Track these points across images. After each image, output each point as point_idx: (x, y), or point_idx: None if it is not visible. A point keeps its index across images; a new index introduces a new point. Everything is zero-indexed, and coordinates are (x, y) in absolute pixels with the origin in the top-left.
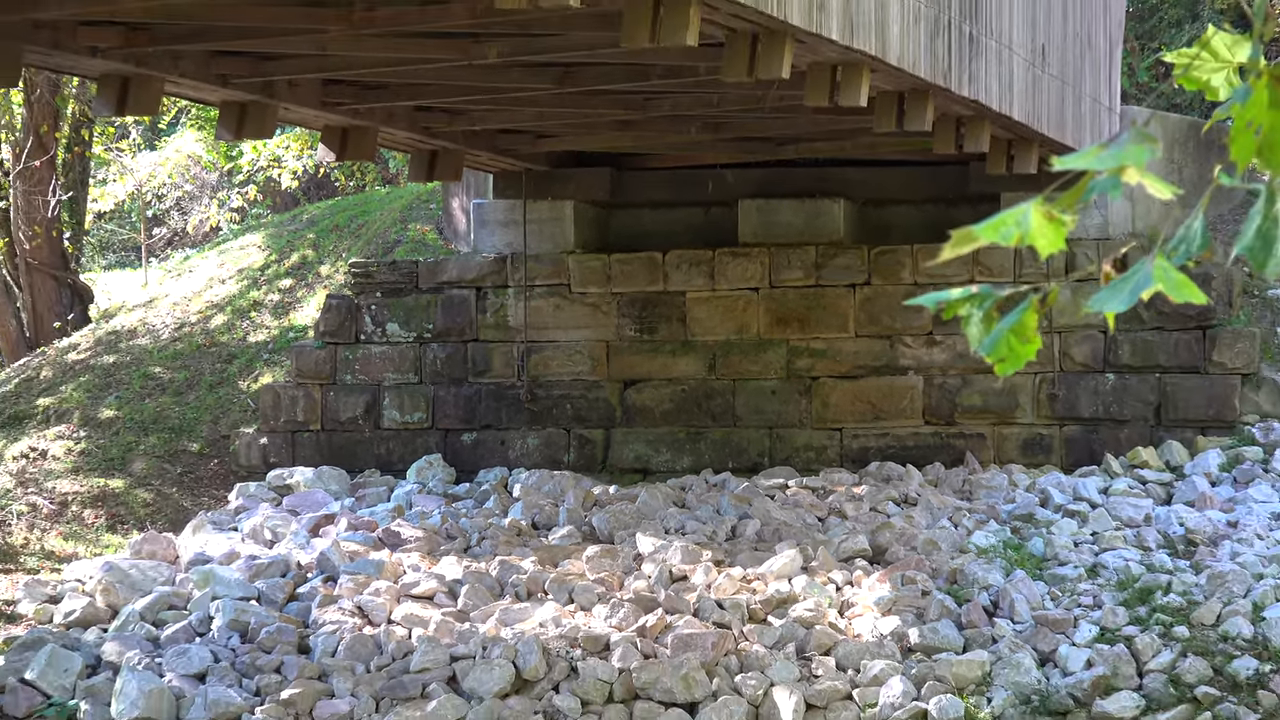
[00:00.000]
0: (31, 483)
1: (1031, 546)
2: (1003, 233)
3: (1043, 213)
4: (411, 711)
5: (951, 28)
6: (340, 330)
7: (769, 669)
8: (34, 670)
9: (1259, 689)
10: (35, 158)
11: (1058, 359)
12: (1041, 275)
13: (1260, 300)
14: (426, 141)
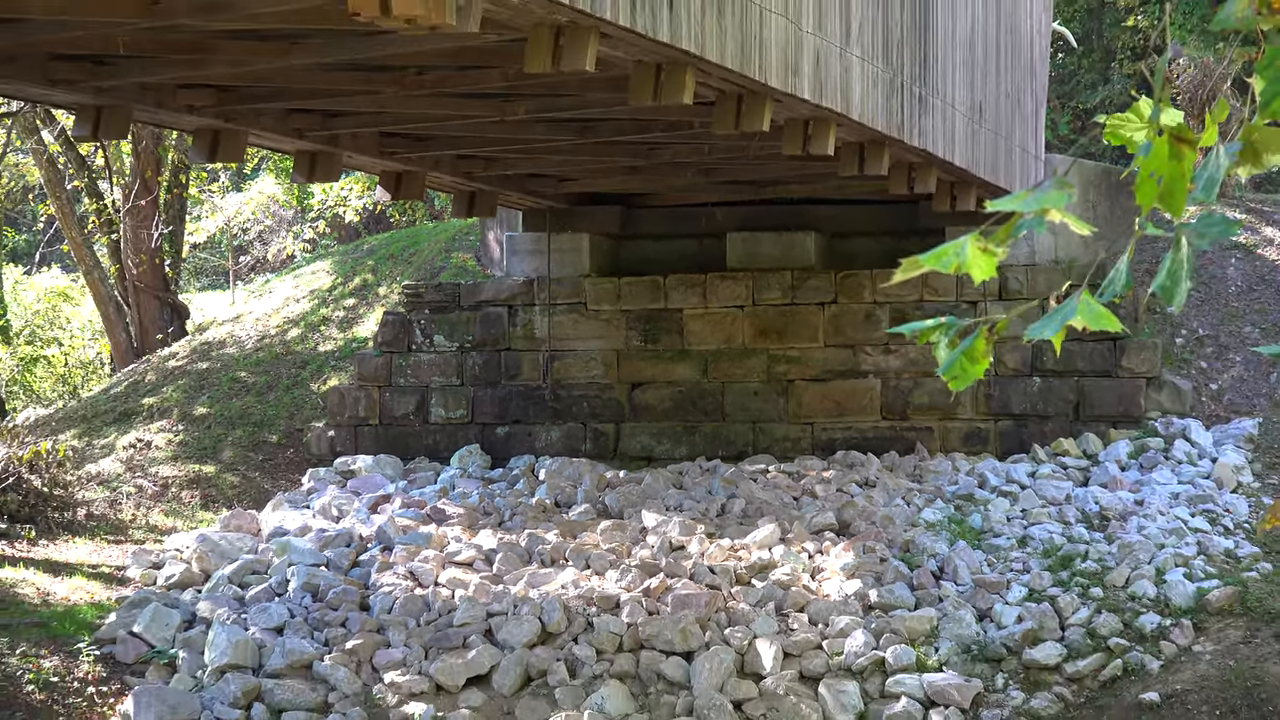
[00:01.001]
0: (138, 468)
1: (971, 521)
2: (943, 261)
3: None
4: (454, 659)
5: (904, 89)
6: (395, 341)
7: (753, 623)
8: (141, 624)
9: (1161, 640)
10: (141, 198)
11: (993, 365)
12: (979, 295)
13: (1161, 316)
14: (466, 184)
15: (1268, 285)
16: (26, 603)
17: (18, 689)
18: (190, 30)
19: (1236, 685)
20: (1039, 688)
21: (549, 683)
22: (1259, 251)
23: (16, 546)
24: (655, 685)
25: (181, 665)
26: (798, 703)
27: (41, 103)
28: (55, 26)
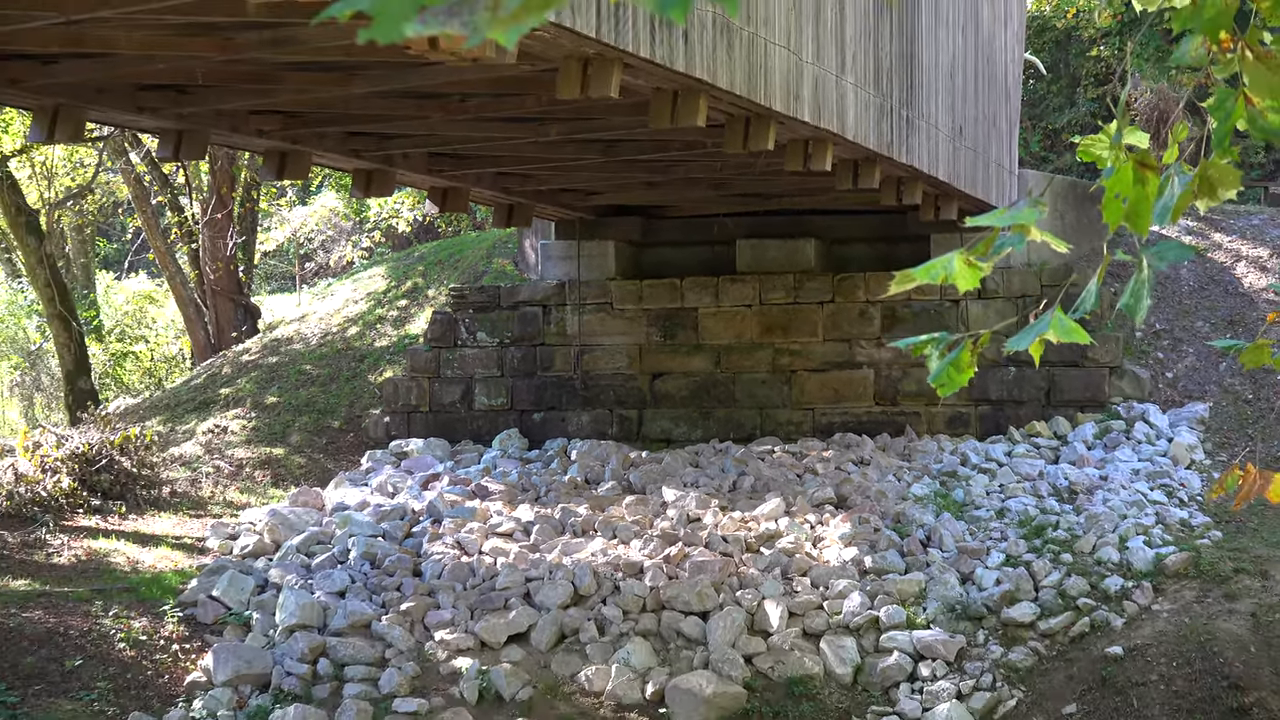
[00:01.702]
0: (216, 451)
1: (955, 495)
2: (933, 274)
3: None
4: (497, 619)
5: (893, 112)
6: (443, 337)
7: (761, 586)
8: (219, 589)
9: (1124, 600)
10: (218, 211)
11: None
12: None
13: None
14: (505, 198)
15: (1216, 285)
16: (118, 570)
17: (111, 646)
18: (260, 63)
19: (1191, 640)
20: (1016, 643)
21: (581, 639)
22: (1209, 255)
23: (109, 521)
24: (675, 641)
25: (255, 625)
26: (801, 657)
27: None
28: (142, 60)
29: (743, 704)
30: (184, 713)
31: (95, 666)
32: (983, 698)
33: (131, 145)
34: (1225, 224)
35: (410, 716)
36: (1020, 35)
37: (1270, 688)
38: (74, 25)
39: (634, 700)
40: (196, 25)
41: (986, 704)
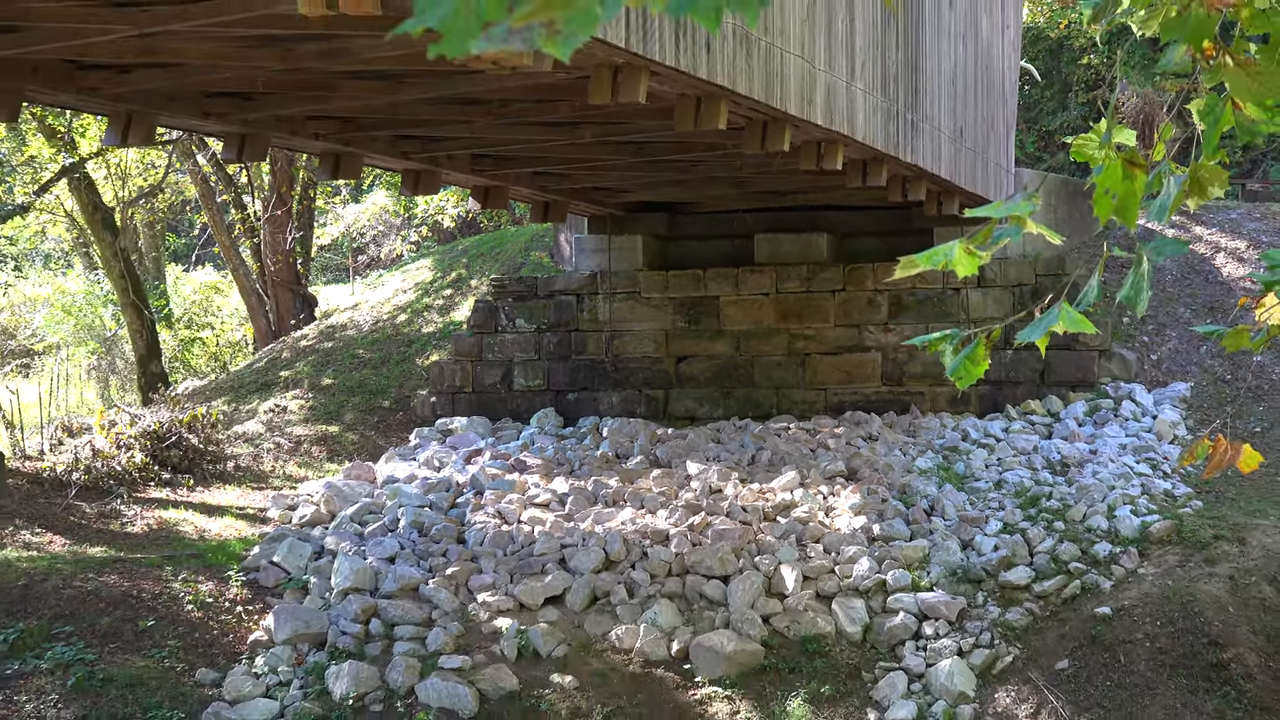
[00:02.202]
0: (276, 429)
1: (956, 468)
2: (934, 260)
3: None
4: (534, 583)
5: (899, 116)
6: (485, 324)
7: (778, 552)
8: (279, 555)
9: (1112, 564)
10: (278, 208)
11: None
12: (961, 284)
13: (1111, 300)
14: (542, 195)
15: (1197, 274)
16: (186, 538)
17: (180, 608)
18: (316, 72)
19: (1174, 601)
20: (1012, 604)
21: (611, 601)
22: (1190, 248)
23: (178, 493)
24: (698, 603)
25: (312, 588)
26: (815, 617)
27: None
28: (208, 70)
29: (760, 660)
30: (247, 669)
31: (166, 626)
32: (982, 654)
33: (198, 148)
34: (1205, 218)
35: (455, 672)
36: (1016, 44)
37: (1247, 645)
38: (147, 37)
39: (660, 657)
40: (259, 38)
41: (985, 660)
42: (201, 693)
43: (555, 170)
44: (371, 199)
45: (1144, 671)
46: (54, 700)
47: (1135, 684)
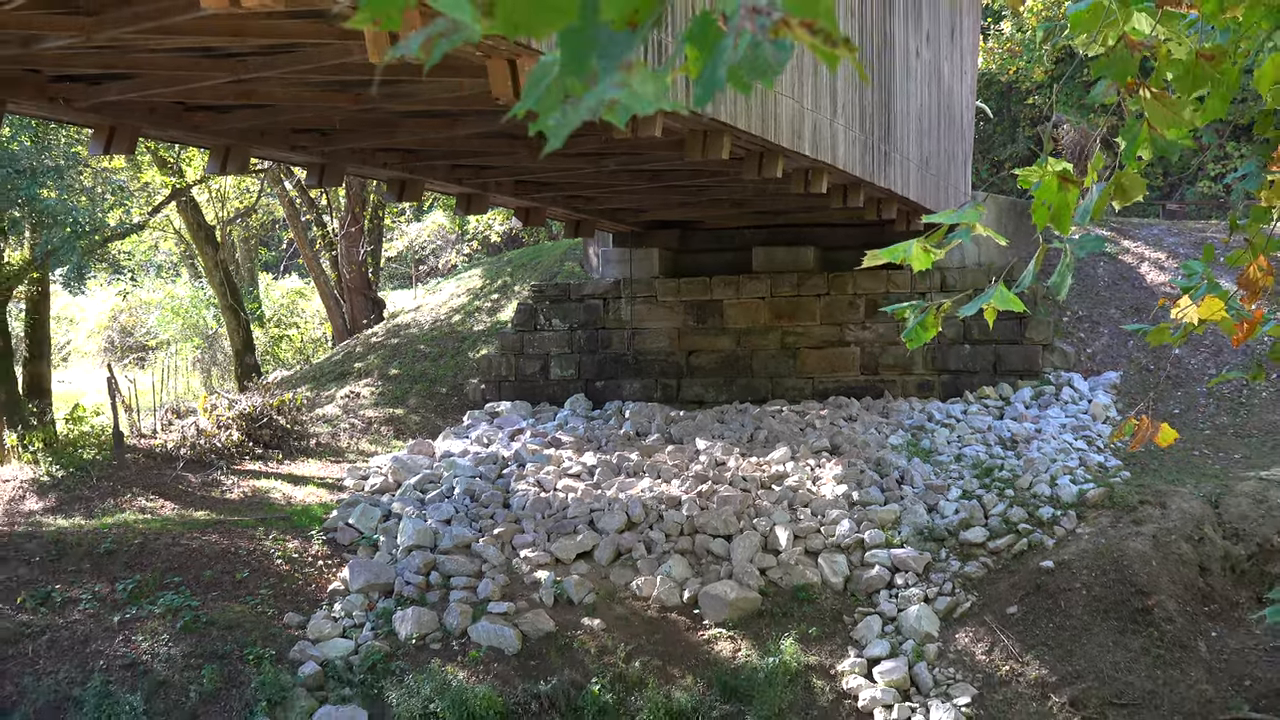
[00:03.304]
0: (351, 411)
1: (923, 444)
2: (895, 255)
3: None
4: (568, 541)
5: (874, 147)
6: (526, 323)
7: (772, 515)
8: (353, 518)
9: (1054, 525)
10: (352, 226)
11: (938, 336)
12: (928, 288)
13: (1053, 303)
14: (574, 215)
15: (1126, 280)
16: (276, 504)
17: (270, 562)
18: (384, 111)
19: (1106, 556)
20: (970, 558)
21: (633, 556)
22: (1120, 258)
23: (268, 466)
24: (705, 558)
25: (381, 546)
26: (804, 570)
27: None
28: (294, 109)
29: (758, 606)
30: (327, 613)
31: (259, 578)
32: (944, 601)
33: (285, 175)
34: (1132, 233)
35: (501, 616)
36: (973, 87)
37: (1167, 592)
38: (243, 83)
39: (674, 603)
40: (336, 83)
41: (947, 606)
42: (289, 633)
43: (585, 194)
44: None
45: (1081, 615)
46: (165, 640)
47: (1074, 625)
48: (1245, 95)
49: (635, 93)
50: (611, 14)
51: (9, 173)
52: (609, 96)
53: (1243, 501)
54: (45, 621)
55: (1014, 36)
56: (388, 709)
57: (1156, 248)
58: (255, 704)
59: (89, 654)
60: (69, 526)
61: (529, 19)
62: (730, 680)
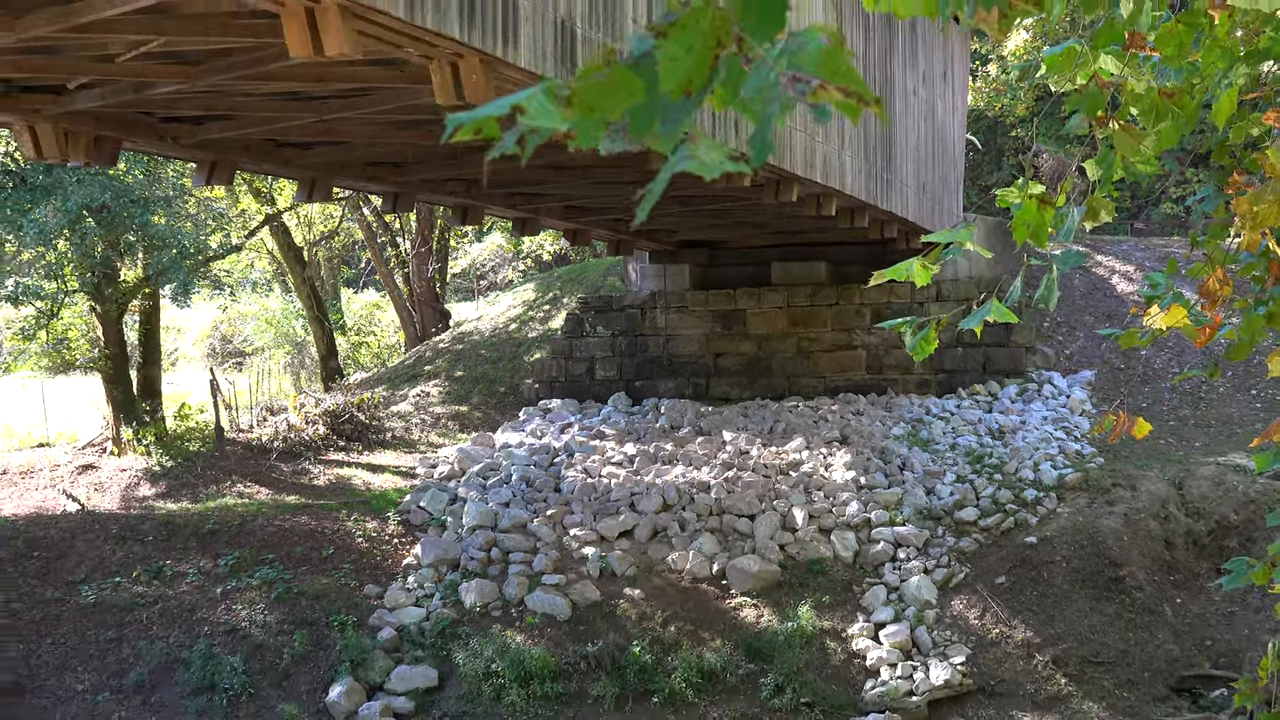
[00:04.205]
0: (422, 408)
1: (921, 435)
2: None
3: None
4: (611, 521)
5: (878, 175)
6: (573, 331)
7: (790, 498)
8: (424, 501)
9: (1037, 505)
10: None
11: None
12: (925, 298)
13: (1035, 310)
14: (615, 235)
15: (1099, 291)
16: (357, 489)
17: (352, 540)
18: (450, 146)
19: (1083, 532)
20: (964, 535)
21: (668, 534)
22: (1094, 270)
23: (350, 456)
24: (732, 535)
25: (449, 526)
26: (818, 545)
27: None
28: (370, 145)
29: (778, 577)
30: (401, 585)
31: (342, 554)
32: (941, 572)
33: (364, 202)
34: (1105, 249)
35: (553, 587)
36: (963, 122)
37: (1137, 564)
38: (325, 122)
39: (704, 575)
40: (407, 121)
41: (944, 576)
42: (369, 602)
43: (625, 218)
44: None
45: (1061, 584)
46: (261, 608)
47: (1055, 593)
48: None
49: (703, 161)
50: (669, 86)
51: (125, 202)
52: (680, 168)
53: (1203, 484)
54: (157, 593)
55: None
56: (455, 668)
57: (1125, 262)
58: (340, 664)
59: (195, 621)
60: (177, 510)
61: (602, 101)
62: (754, 642)
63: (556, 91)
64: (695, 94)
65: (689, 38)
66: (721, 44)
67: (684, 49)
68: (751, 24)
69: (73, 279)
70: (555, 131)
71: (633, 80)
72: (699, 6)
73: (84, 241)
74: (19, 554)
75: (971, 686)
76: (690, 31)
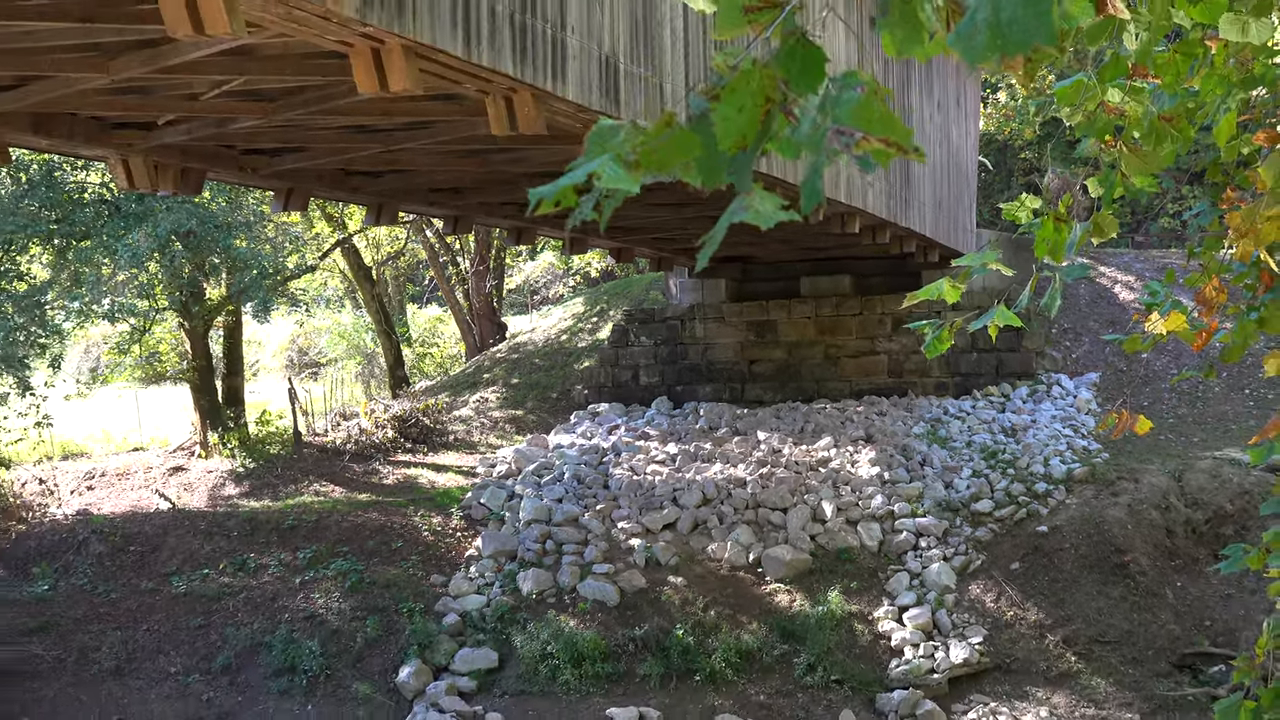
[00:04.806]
0: (481, 413)
1: (940, 433)
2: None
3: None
4: (655, 514)
5: (897, 194)
6: (619, 340)
7: (820, 492)
8: (484, 498)
9: (1047, 497)
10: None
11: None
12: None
13: (1044, 318)
14: (657, 253)
15: (1102, 299)
16: (422, 487)
17: (418, 534)
18: (505, 173)
19: (1090, 521)
20: (980, 525)
21: (708, 527)
22: (1098, 280)
23: (416, 457)
24: (766, 527)
25: (507, 520)
26: (846, 536)
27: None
28: (431, 173)
29: (809, 565)
30: (464, 574)
31: (410, 546)
32: (959, 559)
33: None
34: (1107, 260)
35: (604, 575)
36: (975, 145)
37: (1140, 550)
38: (391, 153)
39: (741, 564)
40: (466, 151)
41: (962, 564)
42: (434, 591)
43: (666, 236)
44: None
45: (1070, 570)
46: (337, 596)
47: (1065, 578)
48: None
49: (759, 211)
50: (725, 143)
51: (210, 228)
52: (738, 219)
53: (1201, 476)
54: (242, 583)
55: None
56: (514, 650)
57: (1126, 272)
58: (409, 647)
59: (276, 608)
60: (259, 507)
61: (667, 159)
62: (787, 625)
63: (624, 157)
64: (750, 147)
65: (740, 99)
66: (770, 100)
67: (736, 109)
68: (795, 78)
69: (163, 298)
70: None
71: (692, 139)
72: (748, 69)
73: (173, 264)
74: (117, 548)
75: (988, 664)
76: (740, 93)
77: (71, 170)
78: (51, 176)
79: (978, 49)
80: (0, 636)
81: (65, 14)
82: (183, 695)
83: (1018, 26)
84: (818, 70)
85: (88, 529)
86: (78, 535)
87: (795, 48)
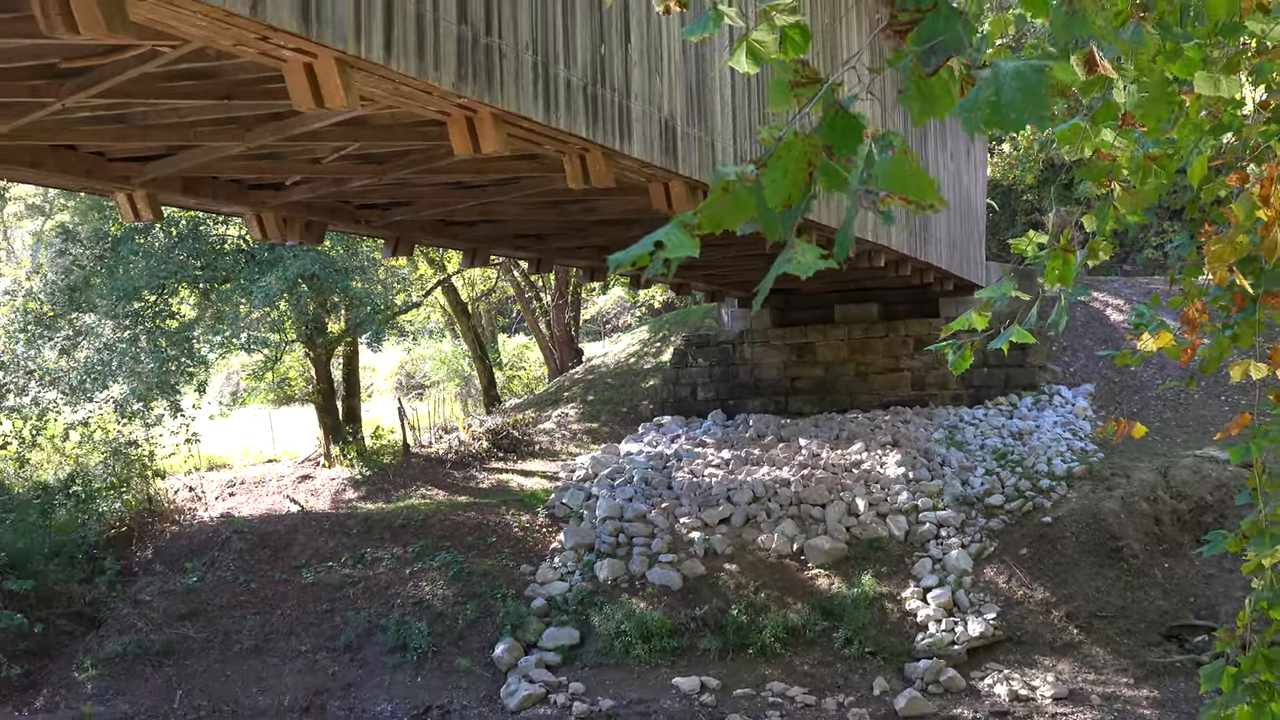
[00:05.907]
0: (562, 425)
1: (957, 438)
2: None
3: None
4: (712, 511)
5: (917, 233)
6: (679, 362)
7: (854, 490)
8: (566, 498)
9: (1051, 492)
10: (559, 299)
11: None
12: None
13: (1046, 335)
14: (710, 287)
15: (1095, 320)
16: (513, 490)
17: (508, 530)
18: (580, 221)
19: (1089, 512)
20: (993, 517)
21: (757, 521)
22: (1092, 305)
23: (507, 464)
24: (808, 520)
25: (585, 517)
26: (876, 527)
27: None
28: (517, 222)
29: (845, 553)
30: (549, 564)
31: (502, 541)
32: (975, 547)
33: (514, 266)
34: (1100, 286)
35: (668, 564)
36: (983, 189)
37: (1133, 538)
38: (483, 205)
39: (787, 552)
40: (546, 202)
41: (977, 550)
42: (524, 578)
43: (717, 273)
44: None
45: (1072, 555)
46: (441, 584)
47: (1067, 562)
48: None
49: (800, 262)
50: (774, 203)
51: (330, 271)
52: (784, 270)
53: (1184, 472)
54: (360, 574)
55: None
56: (592, 629)
57: (1116, 296)
58: (503, 628)
59: (389, 595)
60: (374, 509)
61: (723, 219)
62: (827, 605)
63: (687, 223)
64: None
65: (784, 165)
66: (812, 164)
67: (781, 174)
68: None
69: (291, 331)
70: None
71: (746, 199)
72: (790, 140)
73: (299, 302)
74: (254, 545)
75: (1001, 637)
76: (785, 160)
77: (214, 224)
78: (197, 230)
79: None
80: (163, 621)
81: (209, 93)
82: (311, 670)
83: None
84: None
85: (230, 529)
86: (221, 534)
87: (835, 118)
